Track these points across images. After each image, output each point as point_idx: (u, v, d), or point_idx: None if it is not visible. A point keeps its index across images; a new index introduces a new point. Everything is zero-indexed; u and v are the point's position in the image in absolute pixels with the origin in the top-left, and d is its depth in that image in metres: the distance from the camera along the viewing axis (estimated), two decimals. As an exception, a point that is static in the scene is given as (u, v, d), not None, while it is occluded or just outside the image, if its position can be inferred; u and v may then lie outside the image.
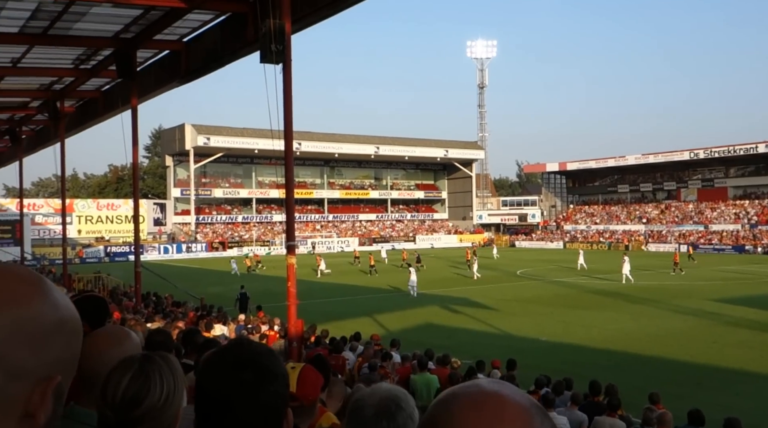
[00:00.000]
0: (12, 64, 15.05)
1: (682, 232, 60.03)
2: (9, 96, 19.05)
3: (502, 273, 35.51)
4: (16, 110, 21.11)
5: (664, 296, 24.40)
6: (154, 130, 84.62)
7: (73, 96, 19.30)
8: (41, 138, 25.19)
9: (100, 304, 2.45)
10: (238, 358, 1.19)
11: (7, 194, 70.32)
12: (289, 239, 10.10)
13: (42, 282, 0.85)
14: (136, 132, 15.40)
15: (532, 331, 17.67)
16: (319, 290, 27.44)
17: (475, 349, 14.36)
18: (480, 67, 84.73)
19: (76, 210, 57.42)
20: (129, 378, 1.35)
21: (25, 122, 22.86)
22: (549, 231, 70.67)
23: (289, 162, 9.84)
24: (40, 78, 17.20)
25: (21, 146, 24.89)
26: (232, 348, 1.24)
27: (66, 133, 20.75)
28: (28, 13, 11.80)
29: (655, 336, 16.91)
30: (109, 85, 18.06)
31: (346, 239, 65.32)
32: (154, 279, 23.35)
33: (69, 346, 0.85)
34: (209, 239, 60.70)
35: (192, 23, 12.90)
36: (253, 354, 1.21)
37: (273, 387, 1.19)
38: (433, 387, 8.46)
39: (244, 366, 1.18)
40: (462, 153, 77.08)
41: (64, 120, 19.84)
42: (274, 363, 1.22)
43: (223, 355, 1.22)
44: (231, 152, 64.54)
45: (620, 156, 69.01)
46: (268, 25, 9.32)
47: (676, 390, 11.24)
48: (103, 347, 1.70)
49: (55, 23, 12.35)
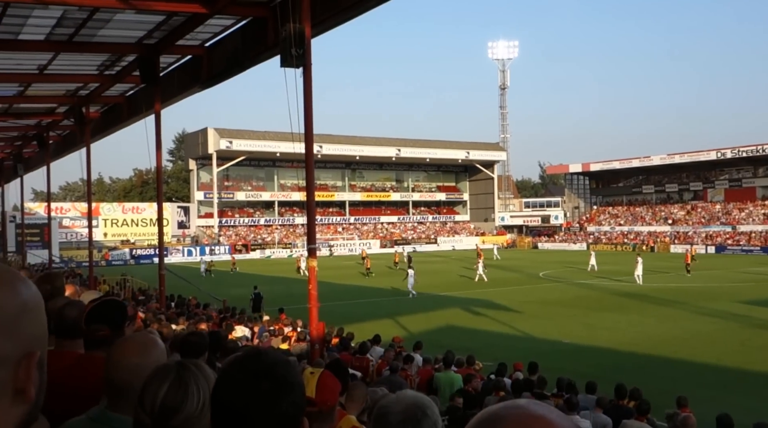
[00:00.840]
0: (39, 70, 15.39)
1: (708, 233, 58.84)
2: (36, 102, 19.50)
3: (524, 275, 35.22)
4: (44, 115, 21.58)
5: (690, 298, 23.93)
6: (178, 134, 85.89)
7: (98, 102, 19.66)
8: (68, 143, 25.73)
9: (120, 308, 2.50)
10: (255, 368, 1.18)
11: (36, 197, 71.90)
12: (310, 243, 10.14)
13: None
14: (159, 136, 15.63)
15: (555, 333, 17.47)
16: (341, 292, 27.52)
17: (497, 351, 14.26)
18: (501, 68, 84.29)
19: (102, 213, 58.51)
20: (167, 387, 1.37)
21: (52, 127, 23.36)
22: (572, 233, 69.86)
23: (309, 165, 9.89)
24: (66, 84, 17.55)
25: (48, 151, 25.45)
26: (249, 357, 1.21)
27: (91, 138, 21.15)
28: (54, 20, 12.05)
29: (681, 339, 16.58)
30: (132, 91, 18.36)
31: (368, 242, 65.42)
32: (178, 282, 23.66)
33: (36, 322, 0.93)
34: (232, 241, 61.30)
35: (213, 28, 13.05)
36: (270, 364, 1.19)
37: (290, 398, 1.17)
38: (456, 386, 8.43)
39: (262, 377, 1.16)
40: (483, 154, 76.66)
41: (89, 125, 20.23)
42: (291, 373, 1.20)
43: (240, 365, 1.20)
44: (253, 156, 65.13)
45: (645, 156, 67.93)
46: (287, 29, 9.38)
47: (703, 393, 11.01)
48: (130, 355, 1.73)
49: (80, 30, 12.59)
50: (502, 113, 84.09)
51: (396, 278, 32.78)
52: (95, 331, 2.30)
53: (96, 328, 2.31)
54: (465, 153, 74.82)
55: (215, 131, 61.94)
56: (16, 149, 27.83)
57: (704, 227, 60.19)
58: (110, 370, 1.71)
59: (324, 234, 64.86)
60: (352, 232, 69.41)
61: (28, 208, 49.62)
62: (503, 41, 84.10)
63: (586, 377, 10.48)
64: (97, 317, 2.34)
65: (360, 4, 9.77)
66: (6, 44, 12.99)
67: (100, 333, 2.25)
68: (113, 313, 2.40)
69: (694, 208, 64.87)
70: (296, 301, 19.89)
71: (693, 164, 64.40)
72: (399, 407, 1.40)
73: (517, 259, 48.26)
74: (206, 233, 62.69)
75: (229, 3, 11.16)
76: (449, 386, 8.50)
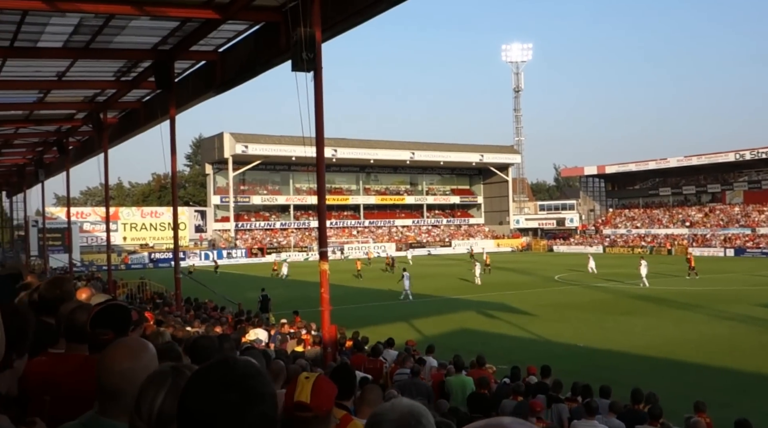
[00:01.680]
0: (57, 77, 15.65)
1: (727, 235, 57.95)
2: (56, 109, 19.82)
3: (539, 278, 34.98)
4: (63, 121, 21.94)
5: (707, 302, 23.57)
6: (195, 139, 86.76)
7: (116, 107, 19.95)
8: (87, 148, 26.13)
9: (124, 312, 2.54)
10: (224, 378, 1.15)
11: (57, 202, 73.06)
12: (322, 246, 10.18)
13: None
14: (174, 141, 15.80)
15: (570, 337, 17.31)
16: (354, 295, 27.56)
17: (511, 355, 14.17)
18: (515, 71, 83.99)
19: (122, 218, 59.29)
20: (164, 394, 1.37)
21: (71, 133, 23.74)
22: (587, 235, 69.24)
23: (320, 168, 9.93)
24: (84, 90, 17.83)
25: (68, 157, 25.87)
26: (218, 366, 1.18)
27: (109, 143, 21.46)
28: (71, 28, 12.25)
29: (699, 343, 16.34)
30: (149, 96, 18.59)
31: (382, 245, 65.45)
32: (195, 285, 23.87)
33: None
34: (248, 245, 61.71)
35: (227, 34, 13.18)
36: (239, 375, 1.16)
37: (259, 409, 1.14)
38: (468, 389, 8.40)
39: (229, 387, 1.13)
40: (498, 157, 76.38)
41: (107, 131, 20.54)
42: (262, 383, 1.17)
43: (208, 374, 1.17)
44: (268, 160, 65.56)
45: (661, 158, 67.16)
46: (298, 33, 9.44)
47: (721, 398, 10.83)
48: (121, 360, 1.71)
49: (96, 37, 12.79)
50: (516, 115, 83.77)
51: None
52: (100, 335, 2.33)
53: (100, 332, 2.35)
54: (479, 156, 74.59)
55: (231, 136, 62.45)
56: (37, 154, 28.31)
57: (722, 230, 59.28)
58: (101, 375, 1.70)
59: (338, 237, 65.03)
60: (367, 235, 69.48)
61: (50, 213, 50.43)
62: (517, 44, 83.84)
63: (601, 381, 10.36)
64: (102, 321, 2.38)
65: (370, 8, 9.80)
66: (25, 52, 13.25)
67: (105, 337, 2.29)
68: (117, 317, 2.44)
69: (712, 210, 63.95)
70: (313, 304, 19.96)
71: (711, 165, 63.50)
72: (393, 415, 1.38)
73: (531, 262, 47.93)
74: (223, 236, 63.18)
75: (241, 8, 11.27)
76: (461, 390, 8.47)
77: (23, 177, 34.85)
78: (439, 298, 26.37)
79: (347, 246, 62.82)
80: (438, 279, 35.12)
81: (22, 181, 36.17)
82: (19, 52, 13.15)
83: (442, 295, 27.14)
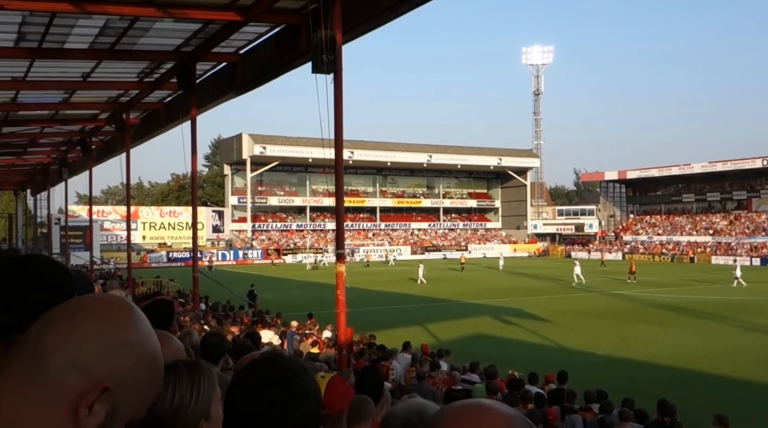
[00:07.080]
0: (83, 78, 15.90)
1: (753, 244, 56.82)
2: (80, 109, 20.14)
3: (556, 284, 34.62)
4: (87, 121, 22.29)
5: (732, 312, 23.10)
6: (214, 139, 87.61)
7: (138, 108, 20.21)
8: (109, 148, 26.53)
9: (169, 307, 2.54)
10: (270, 375, 1.15)
11: (79, 201, 74.28)
12: (339, 248, 10.17)
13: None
14: (194, 142, 15.95)
15: (588, 345, 17.08)
16: (373, 298, 27.54)
17: (527, 362, 14.01)
18: (535, 74, 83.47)
19: (141, 217, 60.01)
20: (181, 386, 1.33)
21: (94, 133, 24.11)
22: (607, 242, 68.43)
23: (339, 170, 9.93)
24: (108, 91, 18.09)
25: (91, 156, 26.27)
26: (264, 363, 1.19)
27: (131, 143, 21.74)
28: (97, 29, 12.44)
29: (723, 354, 16.01)
30: (170, 97, 18.81)
31: (398, 248, 65.38)
32: (212, 285, 24.04)
33: (135, 368, 0.88)
34: (265, 246, 62.08)
35: (248, 35, 13.28)
36: (285, 371, 1.16)
37: (304, 407, 1.14)
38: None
39: (276, 384, 1.13)
40: (516, 161, 75.87)
41: (129, 131, 20.81)
42: (307, 381, 1.17)
43: (254, 371, 1.17)
44: (286, 161, 65.95)
45: (685, 164, 66.15)
46: (319, 35, 9.46)
47: (744, 411, 10.59)
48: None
49: (121, 39, 12.97)
50: (536, 119, 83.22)
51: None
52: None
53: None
54: (497, 160, 74.17)
55: (249, 137, 62.97)
56: (62, 153, 28.79)
57: (748, 238, 58.15)
58: None
59: (355, 240, 65.08)
60: (383, 238, 69.47)
61: (72, 211, 51.27)
62: (538, 46, 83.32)
63: (620, 390, 10.21)
64: (149, 316, 2.36)
65: (390, 11, 9.79)
66: (53, 53, 13.48)
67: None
68: (166, 311, 2.43)
69: (738, 218, 62.79)
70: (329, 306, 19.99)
71: (737, 172, 62.37)
72: (403, 412, 1.44)
73: (549, 268, 47.48)
74: (240, 237, 63.66)
75: (263, 11, 11.33)
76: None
77: (47, 176, 35.44)
78: (456, 303, 26.24)
79: (362, 249, 62.78)
80: (455, 284, 34.96)
81: (46, 179, 36.79)
82: (47, 53, 13.38)
83: (458, 300, 26.98)
